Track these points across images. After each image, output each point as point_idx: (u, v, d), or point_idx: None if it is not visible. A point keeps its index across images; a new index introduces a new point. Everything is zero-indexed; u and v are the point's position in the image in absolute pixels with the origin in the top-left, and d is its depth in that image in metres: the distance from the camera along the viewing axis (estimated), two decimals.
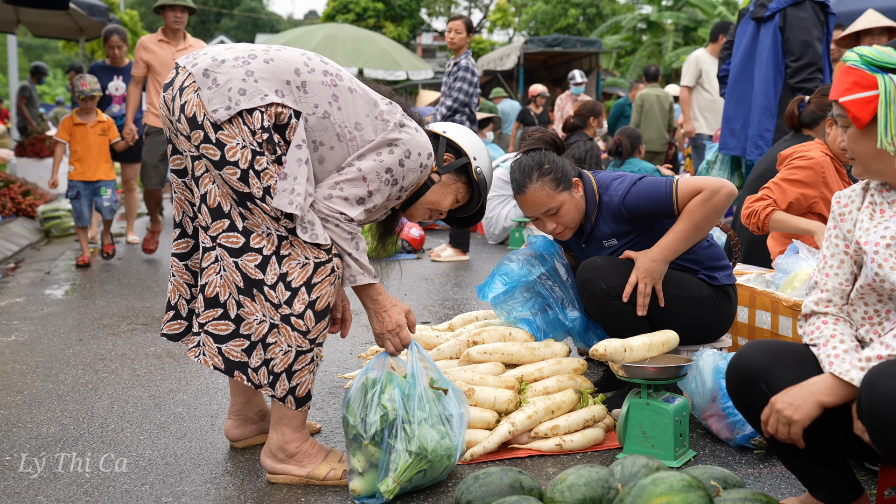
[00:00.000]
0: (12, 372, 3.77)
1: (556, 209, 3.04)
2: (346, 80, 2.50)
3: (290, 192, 2.32)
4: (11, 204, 8.84)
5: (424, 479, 2.44)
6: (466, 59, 6.65)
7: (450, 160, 2.75)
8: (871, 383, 1.80)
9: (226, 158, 2.33)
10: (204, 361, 2.47)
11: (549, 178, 3.02)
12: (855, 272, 2.13)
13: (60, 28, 11.63)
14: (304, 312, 2.40)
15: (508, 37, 35.87)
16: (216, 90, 2.34)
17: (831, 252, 2.16)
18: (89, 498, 2.47)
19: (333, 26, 16.84)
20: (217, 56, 2.42)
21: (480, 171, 2.76)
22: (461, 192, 2.78)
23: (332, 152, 2.44)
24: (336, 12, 29.37)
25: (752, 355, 2.10)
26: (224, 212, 2.40)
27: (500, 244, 7.99)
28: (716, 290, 3.09)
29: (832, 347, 2.01)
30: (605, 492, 2.02)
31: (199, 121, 2.34)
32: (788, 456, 2.16)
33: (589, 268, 3.00)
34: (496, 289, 3.19)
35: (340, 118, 2.44)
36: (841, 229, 2.14)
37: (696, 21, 22.18)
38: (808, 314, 2.16)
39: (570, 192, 3.05)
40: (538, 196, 3.03)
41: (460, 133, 2.79)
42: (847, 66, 2.01)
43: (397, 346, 2.56)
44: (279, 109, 2.36)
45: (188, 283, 2.61)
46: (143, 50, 6.60)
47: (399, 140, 2.48)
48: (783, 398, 1.95)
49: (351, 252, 2.45)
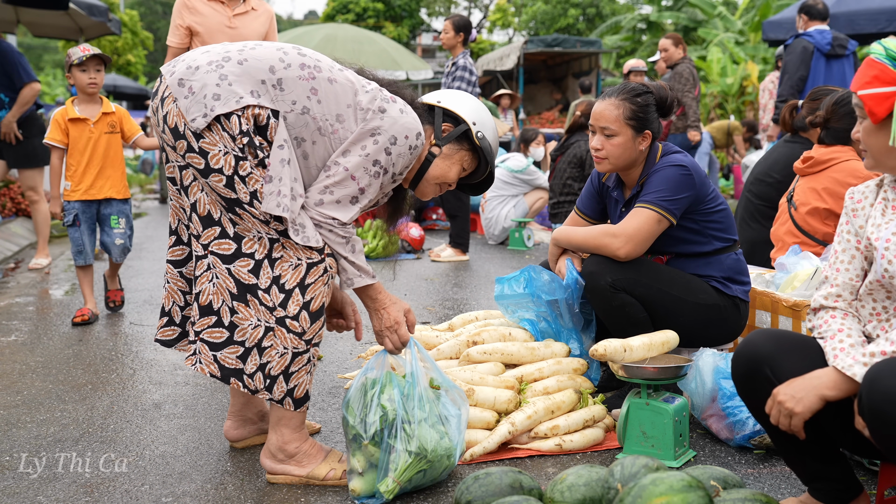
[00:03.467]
0: (12, 372, 3.77)
1: (614, 134, 3.01)
2: (325, 70, 2.44)
3: (277, 195, 2.31)
4: (11, 204, 8.83)
5: (424, 479, 2.44)
6: (464, 58, 6.68)
7: (448, 129, 2.64)
8: (872, 380, 1.80)
9: (210, 166, 2.32)
10: (201, 369, 2.47)
11: (629, 107, 3.01)
12: (865, 268, 2.13)
13: (60, 28, 11.61)
14: (299, 314, 2.40)
15: (508, 37, 35.89)
16: (192, 98, 2.33)
17: (843, 247, 2.17)
18: (89, 498, 2.47)
19: (333, 26, 16.85)
20: (192, 63, 2.39)
21: (482, 135, 2.64)
22: (466, 160, 2.67)
23: (315, 147, 2.41)
24: (336, 12, 29.37)
25: (759, 342, 2.11)
26: (214, 219, 2.40)
27: (500, 244, 7.99)
28: (725, 299, 3.06)
29: (838, 341, 2.02)
30: (605, 492, 2.02)
31: (181, 131, 2.34)
32: (789, 449, 2.16)
33: (595, 261, 3.00)
34: (515, 287, 3.15)
35: (321, 111, 2.40)
36: (853, 225, 2.15)
37: (695, 21, 22.17)
38: (817, 308, 2.17)
39: (635, 135, 3.03)
40: (609, 110, 3.02)
41: (456, 100, 2.68)
42: (871, 59, 2.01)
43: (396, 344, 2.55)
44: (256, 111, 2.33)
45: (182, 290, 2.61)
46: (186, 10, 4.59)
47: (380, 128, 2.41)
48: (786, 390, 1.95)
49: (347, 256, 2.44)
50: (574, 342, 3.21)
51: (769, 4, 17.23)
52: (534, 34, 31.68)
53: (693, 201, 3.00)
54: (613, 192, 3.20)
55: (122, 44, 23.17)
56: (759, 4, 18.11)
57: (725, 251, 3.10)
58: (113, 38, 22.44)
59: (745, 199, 4.46)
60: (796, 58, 6.75)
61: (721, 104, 16.98)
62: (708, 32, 19.72)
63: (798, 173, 3.83)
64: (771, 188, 4.29)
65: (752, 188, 4.42)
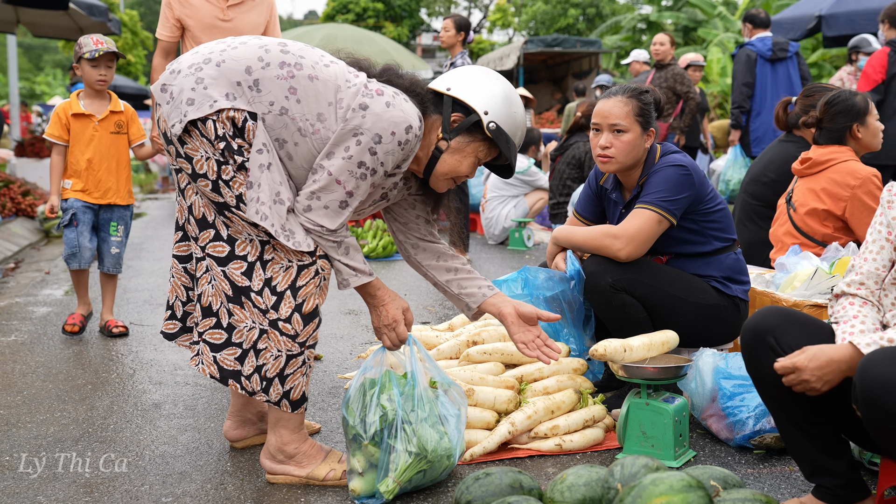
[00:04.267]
0: (12, 372, 3.77)
1: (623, 130, 3.01)
2: (307, 67, 2.35)
3: (256, 202, 2.29)
4: (11, 204, 8.83)
5: (424, 479, 2.44)
6: (462, 58, 6.69)
7: (459, 120, 2.45)
8: (865, 367, 1.84)
9: (196, 172, 2.32)
10: (202, 370, 2.48)
11: (637, 104, 3.03)
12: (894, 259, 2.17)
13: (60, 28, 11.62)
14: (292, 316, 2.39)
15: (508, 37, 35.88)
16: (172, 104, 2.32)
17: (873, 238, 2.21)
18: (89, 498, 2.47)
19: (333, 26, 16.86)
20: (175, 67, 2.38)
21: (495, 125, 2.42)
22: (482, 150, 2.48)
23: (297, 148, 2.35)
24: (336, 12, 29.36)
25: (767, 314, 2.17)
26: (209, 222, 2.40)
27: (500, 244, 7.99)
28: (725, 298, 3.07)
29: (850, 325, 2.07)
30: (605, 492, 2.02)
31: (168, 136, 2.34)
32: (794, 438, 2.17)
33: (595, 261, 3.00)
34: (514, 288, 3.13)
35: (300, 111, 2.32)
36: (886, 216, 2.19)
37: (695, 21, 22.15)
38: (839, 294, 2.21)
39: (642, 132, 3.04)
40: (618, 107, 3.02)
41: (469, 85, 2.45)
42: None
43: (394, 342, 2.55)
44: (232, 114, 2.29)
45: (185, 285, 2.61)
46: (176, 1, 4.15)
47: (361, 127, 2.30)
48: (813, 370, 1.94)
49: (339, 258, 2.41)
50: (574, 341, 3.21)
51: (769, 4, 17.22)
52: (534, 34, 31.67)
53: (693, 201, 3.00)
54: (612, 193, 3.20)
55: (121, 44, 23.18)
56: (759, 4, 18.10)
57: (725, 251, 3.10)
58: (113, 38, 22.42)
59: (742, 200, 4.46)
60: (742, 66, 7.33)
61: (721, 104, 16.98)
62: (708, 32, 19.70)
63: (796, 174, 3.83)
64: (767, 188, 4.29)
65: (749, 188, 4.42)
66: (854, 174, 3.56)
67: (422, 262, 2.72)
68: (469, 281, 2.68)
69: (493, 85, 2.46)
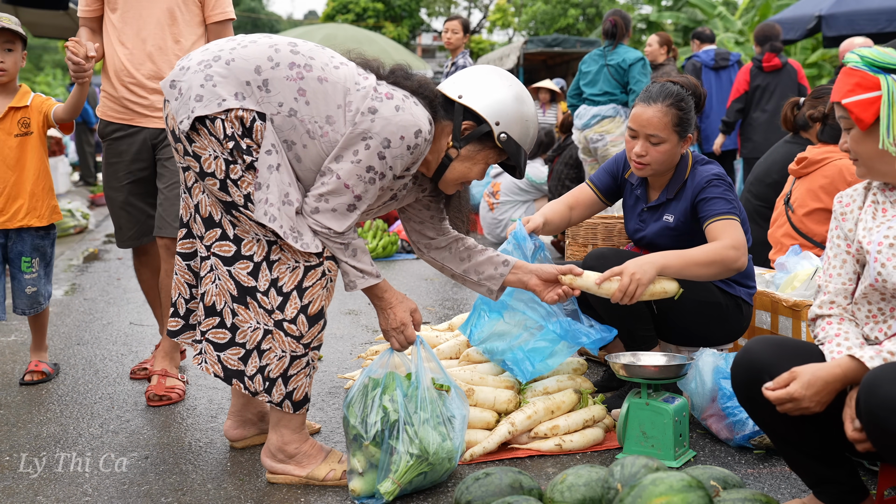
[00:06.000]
0: (12, 372, 3.77)
1: (662, 141, 2.97)
2: (316, 68, 2.34)
3: (265, 203, 2.28)
4: None
5: (425, 481, 2.44)
6: (464, 58, 6.68)
7: (470, 128, 2.44)
8: (870, 385, 1.80)
9: (204, 170, 2.31)
10: (206, 369, 2.49)
11: (676, 113, 2.97)
12: (858, 271, 2.14)
13: (60, 28, 11.62)
14: (297, 317, 2.39)
15: (508, 37, 35.87)
16: (181, 101, 2.31)
17: (834, 252, 2.17)
18: (89, 498, 2.47)
19: (333, 26, 16.86)
20: (185, 64, 2.37)
21: (506, 136, 2.42)
22: (492, 157, 2.50)
23: (306, 150, 2.35)
24: (336, 12, 29.36)
25: (758, 350, 2.10)
26: (215, 221, 2.40)
27: (499, 244, 7.98)
28: (728, 298, 3.05)
29: (836, 345, 2.04)
30: (605, 492, 2.02)
31: (176, 134, 2.34)
32: (792, 454, 2.15)
33: (594, 256, 3.00)
34: (482, 325, 3.01)
35: (309, 113, 2.32)
36: (842, 229, 2.15)
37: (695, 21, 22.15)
38: (814, 318, 2.18)
39: (679, 140, 3.01)
40: (657, 117, 2.96)
41: (479, 92, 2.43)
42: (848, 68, 2.01)
43: (402, 344, 2.55)
44: (241, 114, 2.28)
45: (189, 282, 2.61)
46: None
47: (370, 131, 2.30)
48: (811, 397, 1.91)
49: (347, 260, 2.41)
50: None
51: (769, 4, 17.21)
52: (534, 34, 31.65)
53: None
54: (637, 189, 3.19)
55: None
56: (759, 4, 18.09)
57: None
58: None
59: (745, 200, 4.46)
60: (690, 75, 7.98)
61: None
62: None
63: (793, 175, 3.83)
64: (770, 189, 4.29)
65: (752, 189, 4.43)
66: (851, 170, 3.57)
67: (436, 257, 2.77)
68: (484, 264, 2.73)
69: (505, 91, 2.45)
